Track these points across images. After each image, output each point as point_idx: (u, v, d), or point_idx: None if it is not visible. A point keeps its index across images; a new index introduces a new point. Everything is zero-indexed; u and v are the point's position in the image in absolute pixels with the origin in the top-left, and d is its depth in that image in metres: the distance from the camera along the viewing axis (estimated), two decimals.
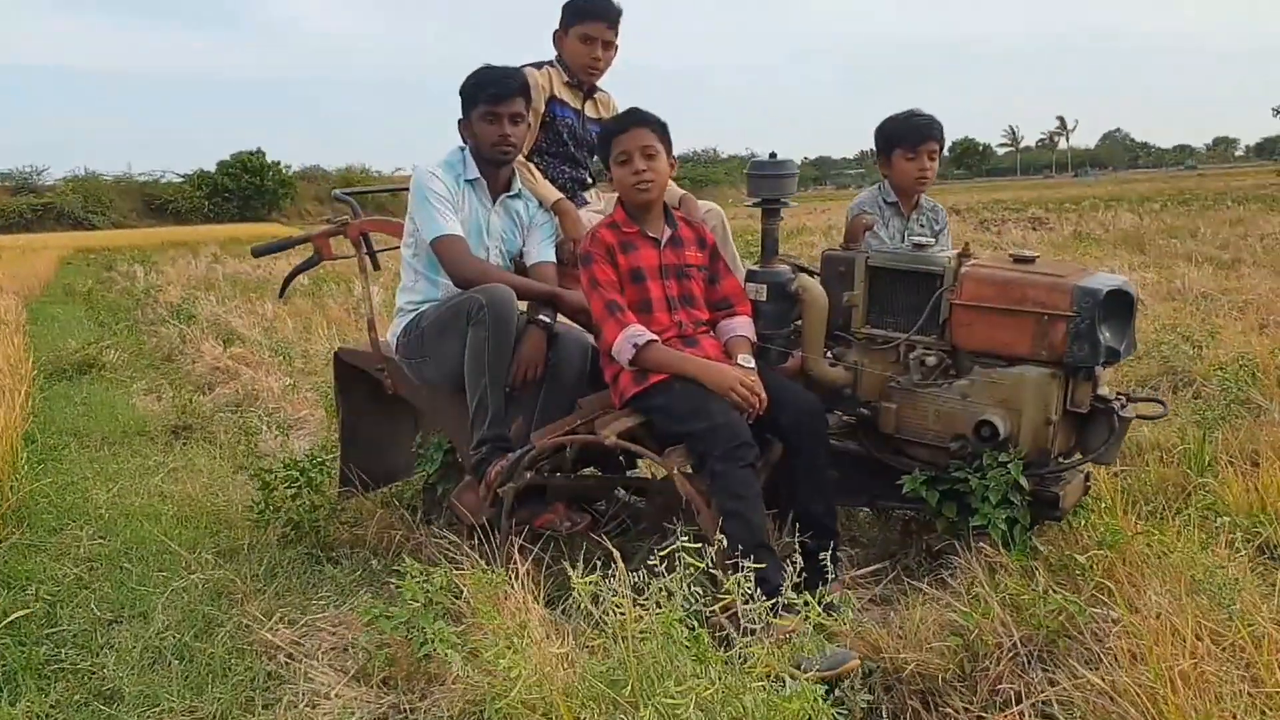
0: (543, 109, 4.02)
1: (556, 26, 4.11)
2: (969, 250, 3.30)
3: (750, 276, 3.42)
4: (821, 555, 3.14)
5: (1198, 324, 7.74)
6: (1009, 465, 3.05)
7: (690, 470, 3.08)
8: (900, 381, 3.30)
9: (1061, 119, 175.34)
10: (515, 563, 3.01)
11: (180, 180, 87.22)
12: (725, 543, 2.90)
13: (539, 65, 4.07)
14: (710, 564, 2.90)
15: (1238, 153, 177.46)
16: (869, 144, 4.34)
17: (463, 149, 3.71)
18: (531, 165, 3.93)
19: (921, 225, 4.12)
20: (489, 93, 3.57)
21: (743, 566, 2.43)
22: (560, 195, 3.87)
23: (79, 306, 15.47)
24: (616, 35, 4.09)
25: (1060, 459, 3.21)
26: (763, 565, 2.82)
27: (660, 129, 3.31)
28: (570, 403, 3.48)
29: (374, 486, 4.26)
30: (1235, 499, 3.79)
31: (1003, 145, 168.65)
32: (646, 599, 2.41)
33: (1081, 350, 3.00)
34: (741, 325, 3.33)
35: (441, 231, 3.52)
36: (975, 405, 3.15)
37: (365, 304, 4.10)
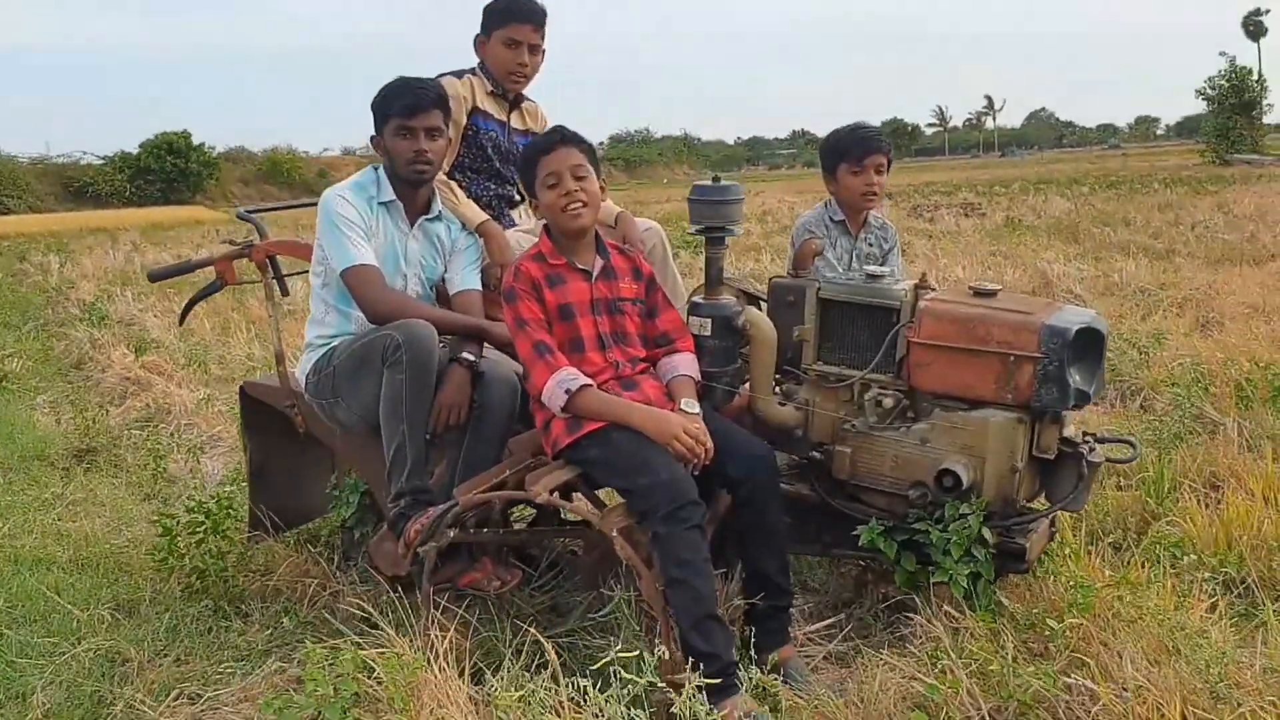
0: (464, 121, 3.71)
1: (478, 31, 3.79)
2: (926, 281, 3.06)
3: (694, 310, 3.15)
4: (774, 618, 2.94)
5: (1140, 324, 7.66)
6: (969, 517, 2.82)
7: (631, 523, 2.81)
8: (855, 424, 3.05)
9: (989, 98, 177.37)
10: (437, 632, 2.75)
11: (100, 162, 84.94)
12: (670, 613, 2.66)
13: (459, 74, 3.75)
14: (654, 638, 2.67)
15: (1159, 131, 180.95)
16: (801, 124, 4.18)
17: (376, 169, 3.39)
18: (453, 184, 3.62)
19: (870, 244, 3.88)
20: (401, 104, 3.26)
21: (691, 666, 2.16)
22: (485, 216, 3.57)
23: None
24: (543, 39, 3.78)
25: (1025, 506, 3.00)
26: (711, 644, 2.59)
27: (589, 150, 3.04)
28: (499, 446, 3.20)
29: (286, 527, 3.94)
30: (1200, 533, 3.62)
31: (931, 125, 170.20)
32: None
33: (1050, 394, 2.78)
34: (684, 364, 3.06)
35: (352, 261, 3.20)
36: (936, 451, 2.92)
37: (273, 334, 3.77)
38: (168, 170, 78.36)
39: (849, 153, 3.72)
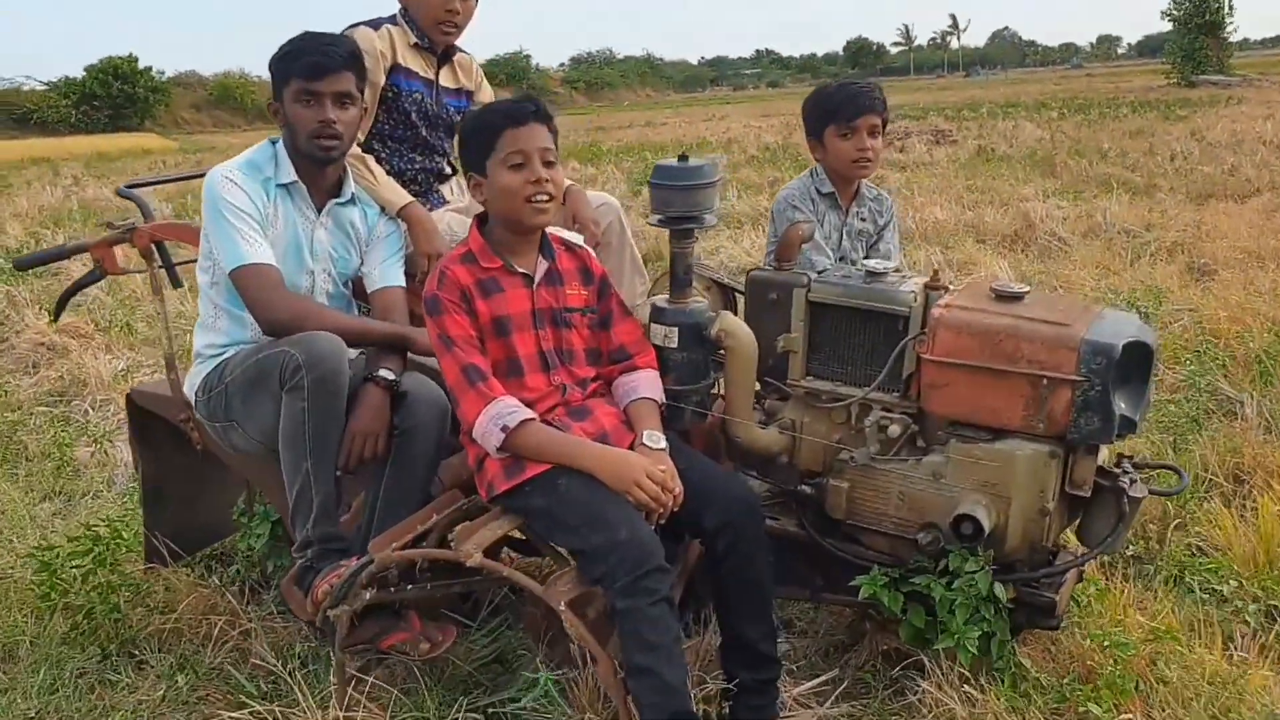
0: (382, 81, 3.13)
1: None
2: (938, 280, 2.54)
3: (656, 316, 2.62)
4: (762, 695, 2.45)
5: (1129, 271, 7.22)
6: (976, 575, 2.35)
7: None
8: (854, 456, 2.55)
9: (954, 17, 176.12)
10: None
11: (44, 88, 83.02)
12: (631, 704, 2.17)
13: (375, 24, 3.16)
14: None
15: (1120, 50, 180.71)
16: (765, 44, 3.60)
17: (274, 143, 2.82)
18: (369, 159, 3.03)
19: (863, 219, 3.34)
20: (304, 64, 2.68)
21: None
22: (409, 199, 3.00)
23: None
24: None
25: (1053, 549, 2.52)
26: None
27: (554, 125, 2.49)
28: (426, 477, 2.68)
29: (188, 553, 3.42)
30: (1232, 543, 3.18)
31: (896, 45, 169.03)
32: None
33: (1090, 424, 2.29)
34: (645, 384, 2.53)
35: (243, 260, 2.64)
36: (951, 489, 2.43)
37: (162, 335, 3.21)
38: (115, 96, 76.62)
39: (837, 113, 3.17)
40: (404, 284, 2.92)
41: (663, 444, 2.40)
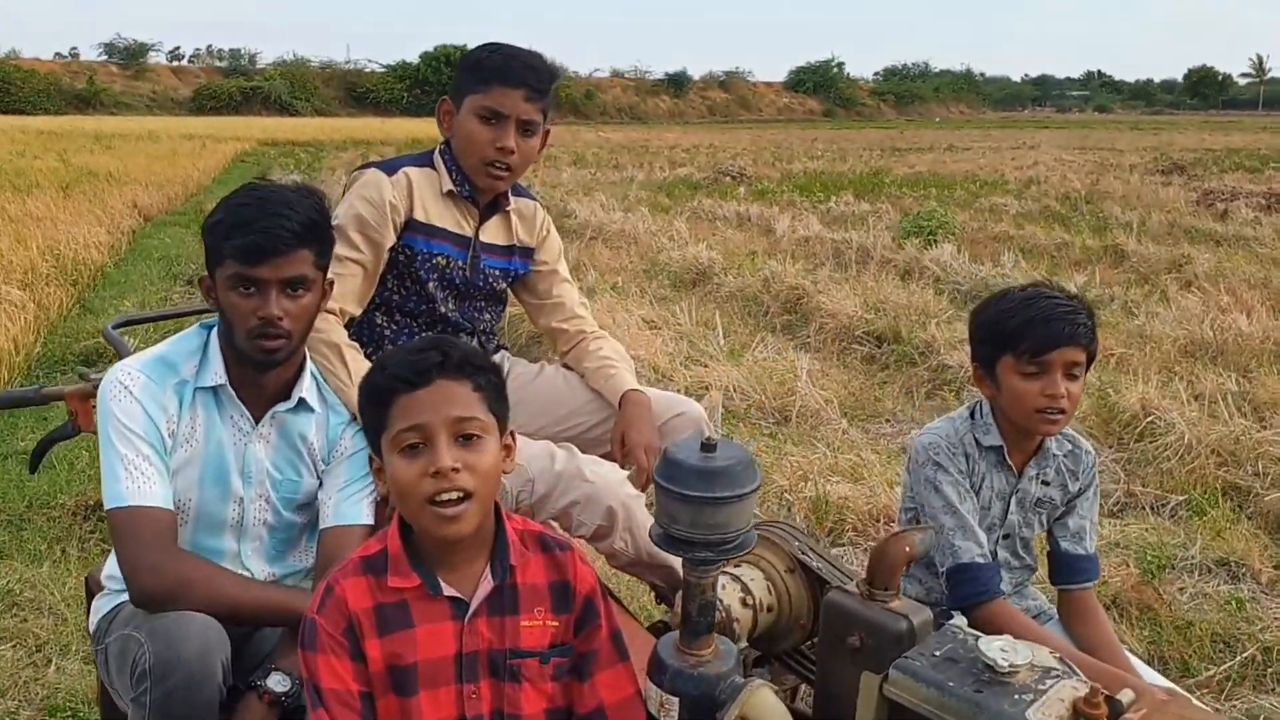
0: (391, 241, 2.38)
1: (446, 95, 2.45)
2: (1098, 701, 1.53)
3: (655, 671, 1.74)
4: None
5: None
6: None
7: None
8: None
9: None
10: None
11: (383, 71, 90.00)
12: None
13: (391, 167, 2.42)
14: None
15: None
16: (1096, 64, 2.61)
17: (209, 329, 2.13)
18: (347, 349, 2.29)
19: (1046, 480, 2.32)
20: (240, 243, 1.97)
21: None
22: None
23: (195, 233, 14.64)
24: (545, 115, 2.40)
25: None
26: None
27: (491, 386, 1.67)
28: None
29: None
30: None
31: (1245, 75, 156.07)
32: None
33: None
34: None
35: (120, 501, 1.97)
36: None
37: None
38: (444, 82, 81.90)
39: (1018, 340, 2.16)
40: (368, 522, 2.17)
41: None
